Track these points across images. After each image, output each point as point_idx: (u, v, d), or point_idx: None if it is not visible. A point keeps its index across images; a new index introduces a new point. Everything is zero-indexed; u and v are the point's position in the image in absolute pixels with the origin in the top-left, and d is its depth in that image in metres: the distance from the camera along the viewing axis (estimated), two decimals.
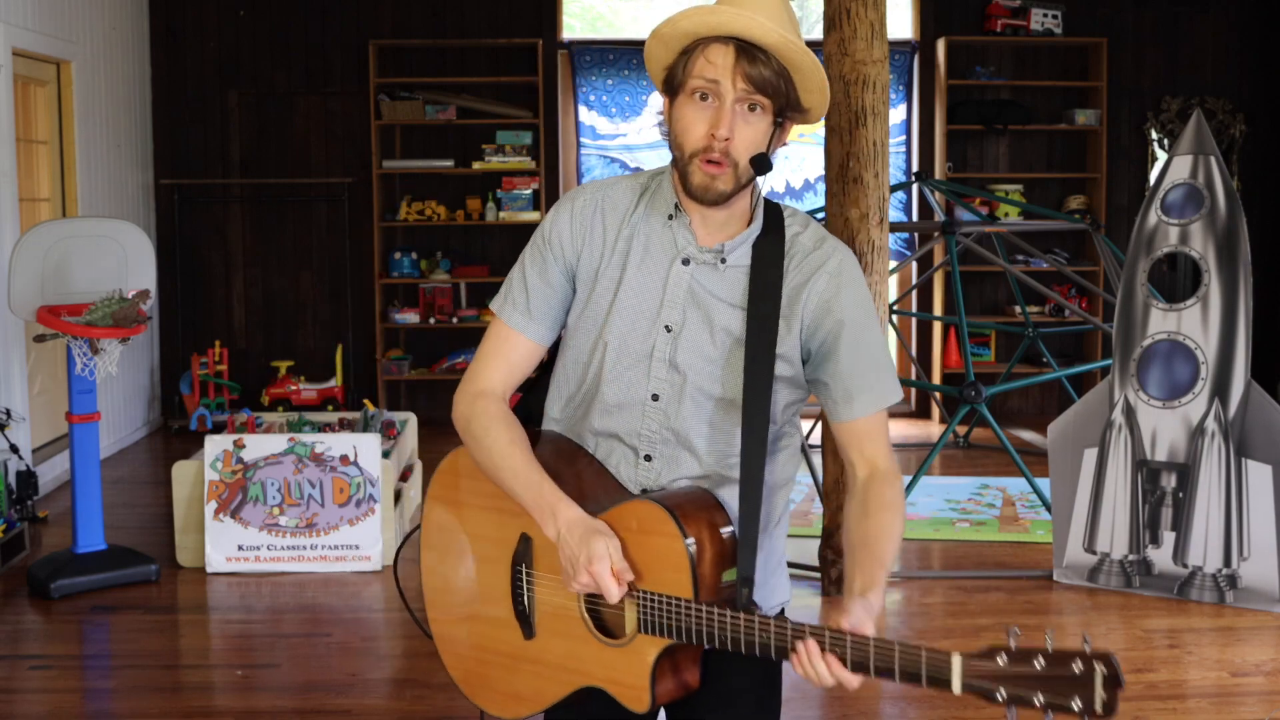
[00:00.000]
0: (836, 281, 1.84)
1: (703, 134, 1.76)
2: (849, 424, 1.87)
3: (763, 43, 1.74)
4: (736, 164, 1.77)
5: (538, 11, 8.39)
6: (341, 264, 8.47)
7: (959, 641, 4.41)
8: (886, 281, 4.82)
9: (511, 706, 1.97)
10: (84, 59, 7.25)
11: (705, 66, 1.76)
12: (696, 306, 1.84)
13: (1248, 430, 4.68)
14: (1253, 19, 8.64)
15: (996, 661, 1.55)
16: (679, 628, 1.72)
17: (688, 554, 1.72)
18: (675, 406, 1.85)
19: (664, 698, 1.81)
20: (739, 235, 1.85)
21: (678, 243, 1.86)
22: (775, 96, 1.76)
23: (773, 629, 1.67)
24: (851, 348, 1.85)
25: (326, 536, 5.20)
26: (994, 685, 1.55)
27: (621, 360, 1.86)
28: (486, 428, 1.88)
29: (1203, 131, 4.82)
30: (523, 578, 1.91)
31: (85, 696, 4.06)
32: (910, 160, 8.61)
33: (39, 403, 6.71)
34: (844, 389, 1.85)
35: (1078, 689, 1.48)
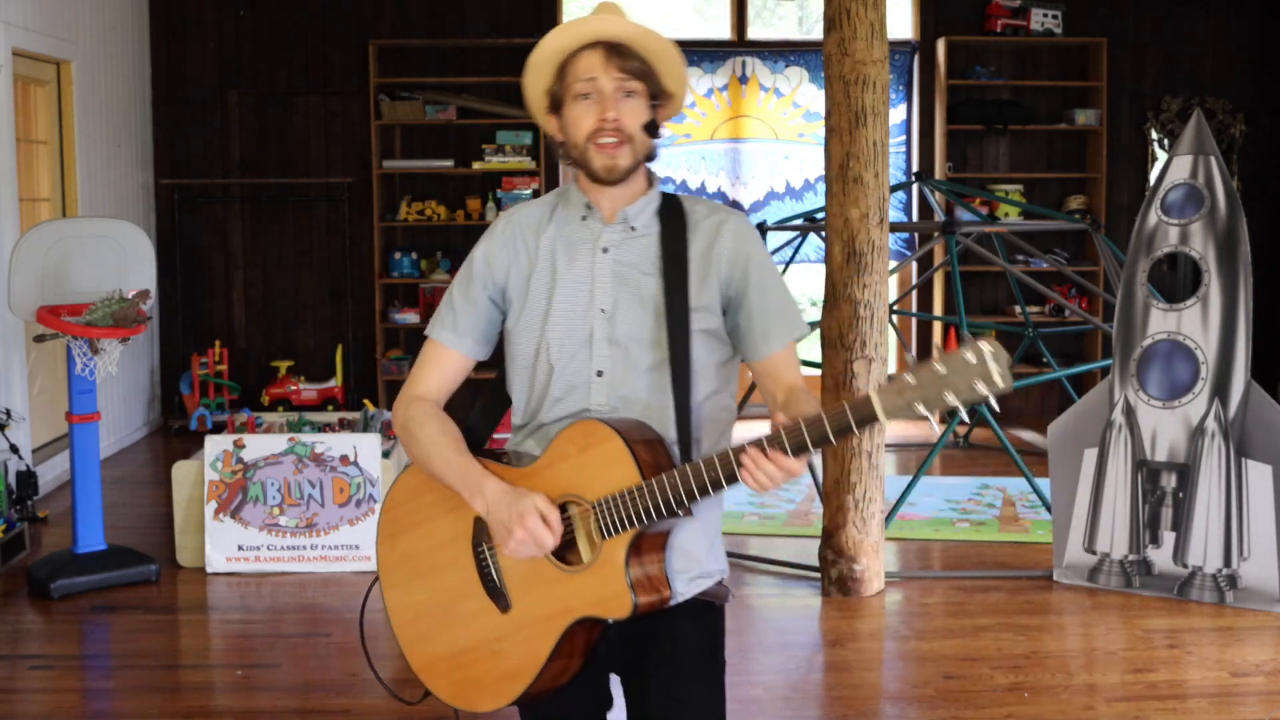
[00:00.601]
0: (738, 238, 2.07)
1: (592, 121, 2.01)
2: (768, 360, 2.06)
3: (622, 38, 2.01)
4: (632, 137, 2.01)
5: (538, 11, 8.39)
6: (341, 264, 8.47)
7: (959, 641, 4.41)
8: (886, 281, 4.82)
9: (508, 687, 2.02)
10: (84, 59, 7.25)
11: (581, 71, 2.02)
12: (624, 285, 2.04)
13: (1248, 430, 4.68)
14: (1253, 19, 8.64)
15: (906, 379, 1.71)
16: (637, 512, 1.88)
17: (625, 444, 1.90)
18: (620, 378, 2.03)
19: (645, 603, 1.92)
20: (638, 202, 2.08)
21: (593, 235, 2.07)
22: (646, 80, 2.02)
23: (717, 460, 1.85)
24: (760, 291, 2.06)
25: (326, 536, 5.20)
26: (910, 401, 1.70)
27: (566, 348, 2.05)
28: (421, 424, 2.08)
29: (1203, 131, 4.82)
30: (486, 556, 2.04)
31: (85, 696, 4.06)
32: (910, 160, 8.61)
33: (39, 403, 6.71)
34: (761, 328, 2.05)
35: (977, 374, 1.66)
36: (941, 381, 1.69)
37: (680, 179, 8.52)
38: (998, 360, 1.65)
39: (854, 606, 4.77)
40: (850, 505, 4.80)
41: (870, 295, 4.73)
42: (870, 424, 1.74)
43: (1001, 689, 3.99)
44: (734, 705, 3.88)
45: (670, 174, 8.49)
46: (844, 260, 4.74)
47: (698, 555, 2.08)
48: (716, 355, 2.08)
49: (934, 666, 4.20)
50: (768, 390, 2.07)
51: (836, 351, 4.77)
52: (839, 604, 4.80)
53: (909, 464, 7.28)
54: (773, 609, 4.82)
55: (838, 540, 4.84)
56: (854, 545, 4.83)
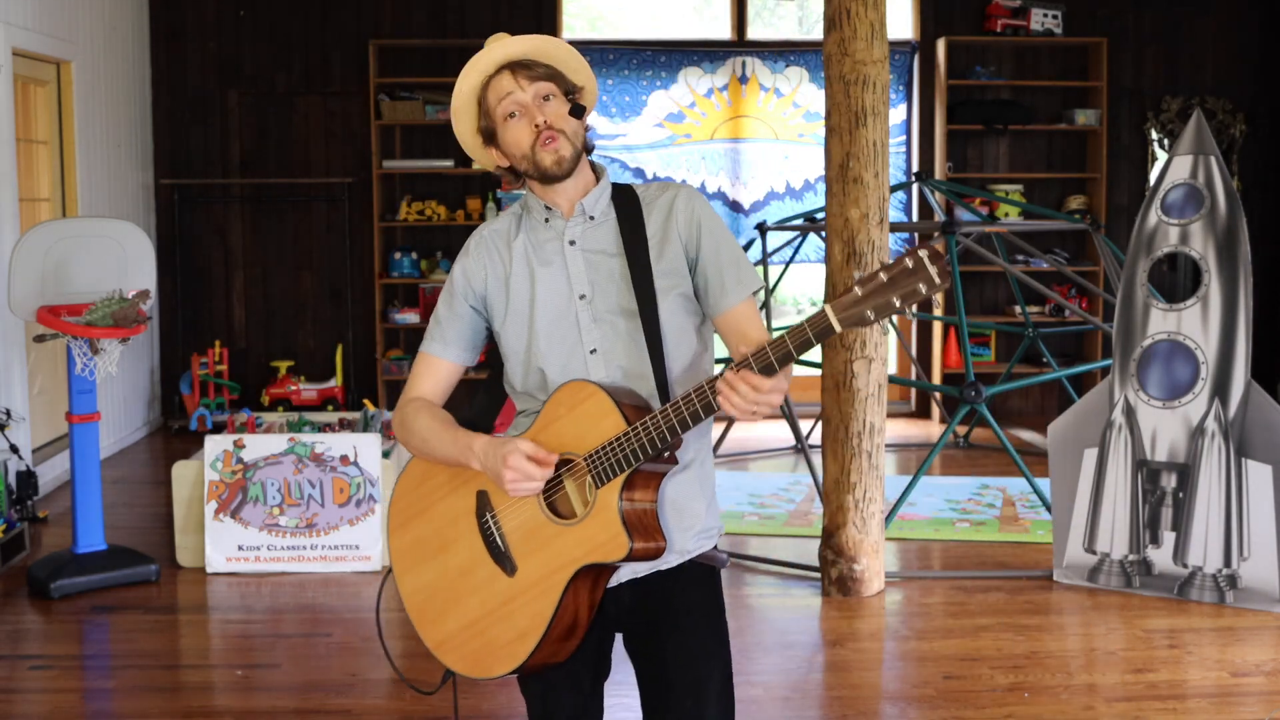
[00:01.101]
0: (689, 204, 2.24)
1: (528, 132, 2.17)
2: (729, 312, 2.21)
3: (521, 54, 2.19)
4: (564, 130, 2.17)
5: (538, 11, 8.39)
6: (341, 264, 8.47)
7: (959, 641, 4.41)
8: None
9: (519, 647, 2.13)
10: (84, 59, 7.25)
11: (499, 95, 2.19)
12: (595, 269, 2.21)
13: (1248, 430, 4.68)
14: (1253, 19, 8.64)
15: (855, 292, 1.85)
16: (625, 456, 2.02)
17: (609, 396, 2.05)
18: (612, 350, 2.18)
19: (640, 548, 2.04)
20: (592, 192, 2.24)
21: (558, 232, 2.24)
22: (557, 81, 2.19)
23: (693, 394, 1.99)
24: (714, 248, 2.22)
25: (326, 536, 5.20)
26: (861, 309, 1.85)
27: (555, 336, 2.20)
28: (414, 417, 2.24)
29: (1203, 131, 4.82)
30: (490, 524, 2.17)
31: (85, 696, 4.06)
32: (910, 160, 8.61)
33: (39, 403, 6.72)
34: (719, 282, 2.21)
35: (918, 276, 1.81)
36: (887, 288, 1.83)
37: (681, 179, 8.52)
38: (934, 262, 1.80)
39: (854, 606, 4.78)
40: (850, 505, 4.80)
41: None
42: (828, 335, 1.88)
43: (1001, 689, 3.99)
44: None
45: (670, 174, 8.49)
46: (844, 260, 4.75)
47: (698, 511, 2.22)
48: (693, 319, 2.24)
49: (934, 666, 4.20)
50: (734, 345, 2.18)
51: (836, 351, 4.77)
52: (839, 604, 4.80)
53: (909, 464, 7.28)
54: (773, 609, 4.82)
55: (838, 540, 4.84)
56: (854, 545, 4.83)
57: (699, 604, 2.24)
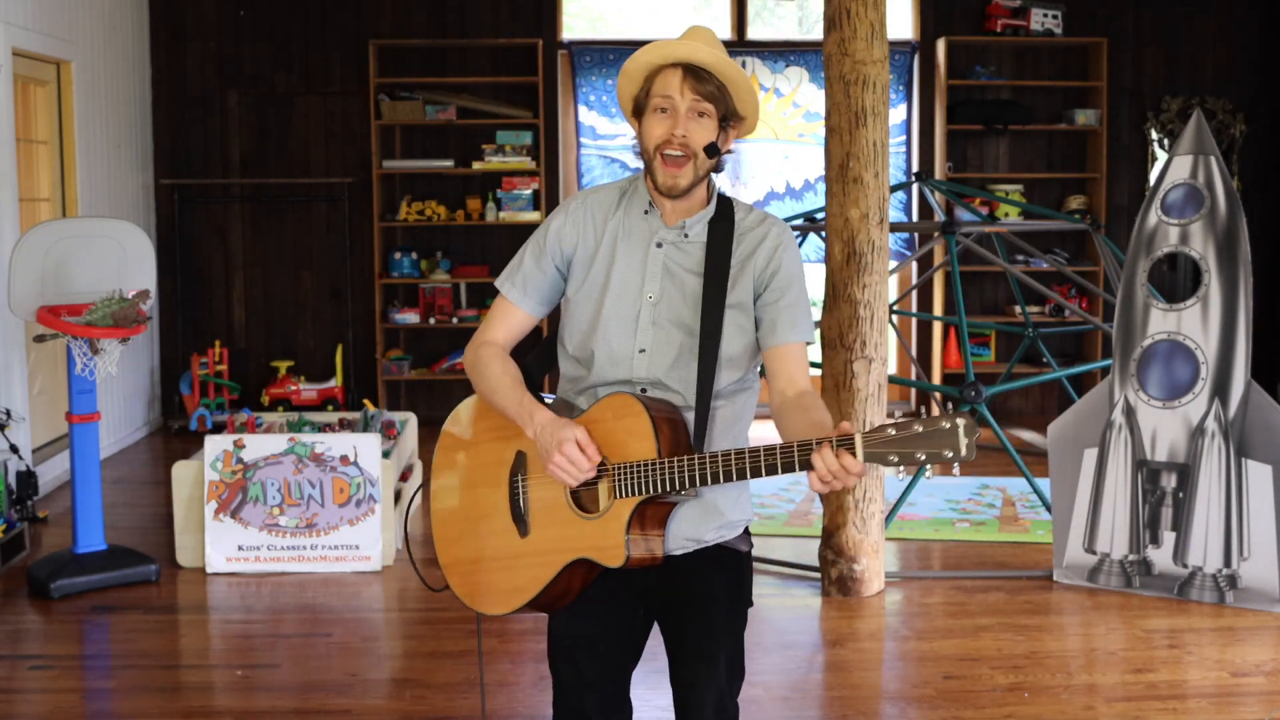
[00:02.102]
0: (776, 243, 2.36)
1: (663, 133, 2.29)
2: (778, 348, 2.32)
3: (703, 64, 2.28)
4: (695, 154, 2.29)
5: (538, 11, 8.39)
6: (341, 264, 8.47)
7: (959, 641, 4.41)
8: (886, 282, 4.82)
9: (512, 599, 2.36)
10: (84, 59, 7.25)
11: (662, 87, 2.30)
12: (670, 279, 2.34)
13: (1248, 430, 4.68)
14: (1253, 19, 8.64)
15: (889, 433, 1.97)
16: (647, 482, 2.18)
17: (651, 422, 2.19)
18: (659, 355, 2.32)
19: (636, 558, 2.22)
20: (697, 214, 2.37)
21: (652, 229, 2.37)
22: (717, 104, 2.30)
23: (720, 458, 2.12)
24: (778, 291, 2.34)
25: (326, 536, 5.20)
26: (886, 453, 1.97)
27: (614, 324, 2.34)
28: (487, 363, 2.39)
29: (1203, 131, 4.82)
30: (519, 485, 2.37)
31: (85, 696, 4.06)
32: (910, 160, 8.61)
33: (39, 403, 6.71)
34: (771, 320, 2.33)
35: (949, 441, 1.94)
36: (915, 440, 1.95)
37: None
38: (968, 434, 1.93)
39: (854, 606, 4.78)
40: (850, 505, 4.80)
41: (870, 295, 4.73)
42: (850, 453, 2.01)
43: (1001, 689, 3.99)
44: None
45: None
46: (844, 260, 4.74)
47: (722, 508, 2.36)
48: (748, 354, 2.36)
49: (934, 666, 4.20)
50: (776, 383, 2.32)
51: (836, 351, 4.77)
52: (839, 604, 4.80)
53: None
54: (773, 609, 4.82)
55: (838, 540, 4.84)
56: (854, 545, 4.83)
57: (722, 584, 2.39)
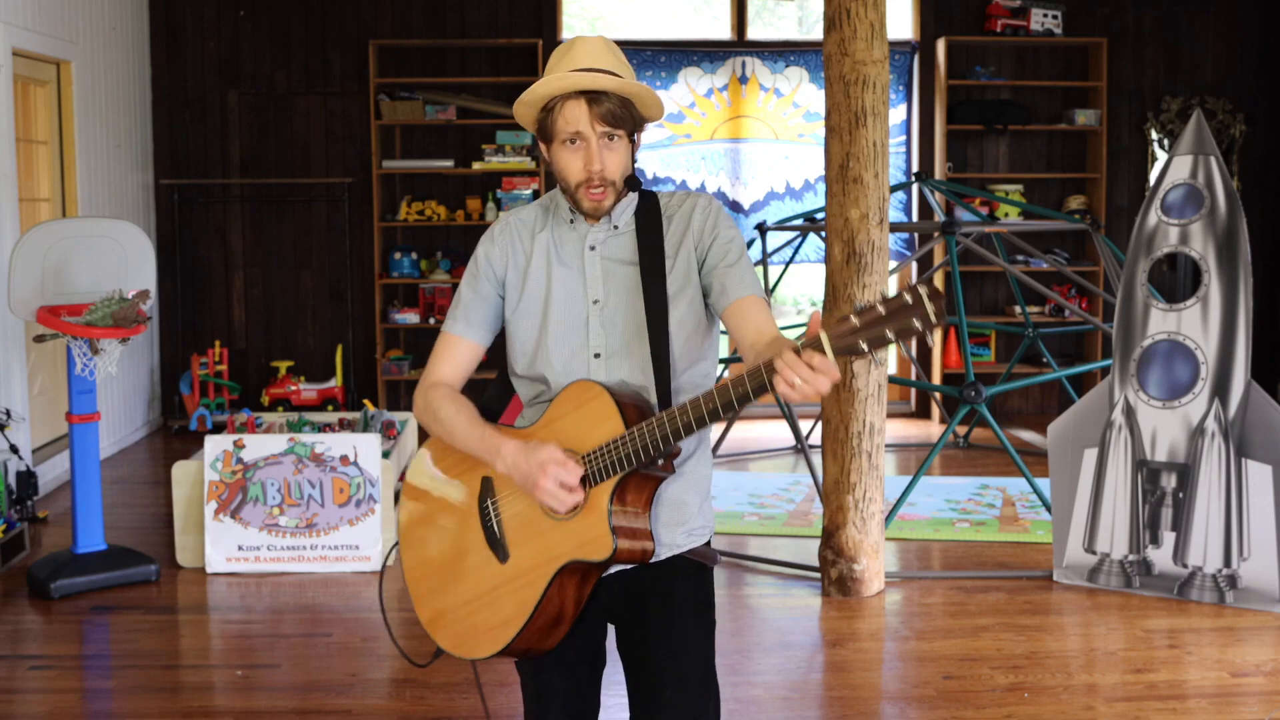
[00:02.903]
0: (706, 212, 2.30)
1: (580, 169, 2.21)
2: (735, 304, 2.23)
3: (602, 89, 2.19)
4: (614, 183, 2.23)
5: (538, 11, 8.39)
6: (341, 264, 8.47)
7: (959, 641, 4.41)
8: (886, 281, 4.81)
9: (502, 634, 2.20)
10: (84, 59, 7.25)
11: (566, 121, 2.20)
12: (611, 277, 2.27)
13: (1248, 430, 4.68)
14: (1253, 19, 8.64)
15: (852, 322, 1.86)
16: (620, 458, 2.07)
17: (612, 398, 2.11)
18: (616, 358, 2.24)
19: (625, 550, 2.10)
20: (619, 204, 2.28)
21: (581, 235, 2.30)
22: (624, 124, 2.22)
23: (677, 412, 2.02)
24: (724, 251, 2.27)
25: (326, 536, 5.20)
26: (856, 340, 1.86)
27: (564, 334, 2.26)
28: (438, 405, 2.29)
29: (1203, 131, 4.82)
30: (490, 509, 2.24)
31: (85, 696, 4.06)
32: (910, 160, 8.61)
33: (39, 403, 6.72)
34: (721, 283, 2.25)
35: (914, 313, 1.83)
36: (883, 321, 1.85)
37: (680, 179, 8.52)
38: (933, 300, 1.83)
39: (854, 606, 4.78)
40: (850, 505, 4.80)
41: (870, 295, 4.73)
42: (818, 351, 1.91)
43: (1001, 689, 3.99)
44: (734, 705, 3.89)
45: (670, 174, 8.49)
46: (844, 260, 4.75)
47: (691, 509, 2.29)
48: (701, 329, 2.29)
49: (934, 666, 4.20)
50: (745, 339, 2.20)
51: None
52: (839, 604, 4.80)
53: (909, 464, 7.28)
54: (773, 609, 4.82)
55: (838, 540, 4.84)
56: (854, 545, 4.83)
57: (688, 597, 2.29)
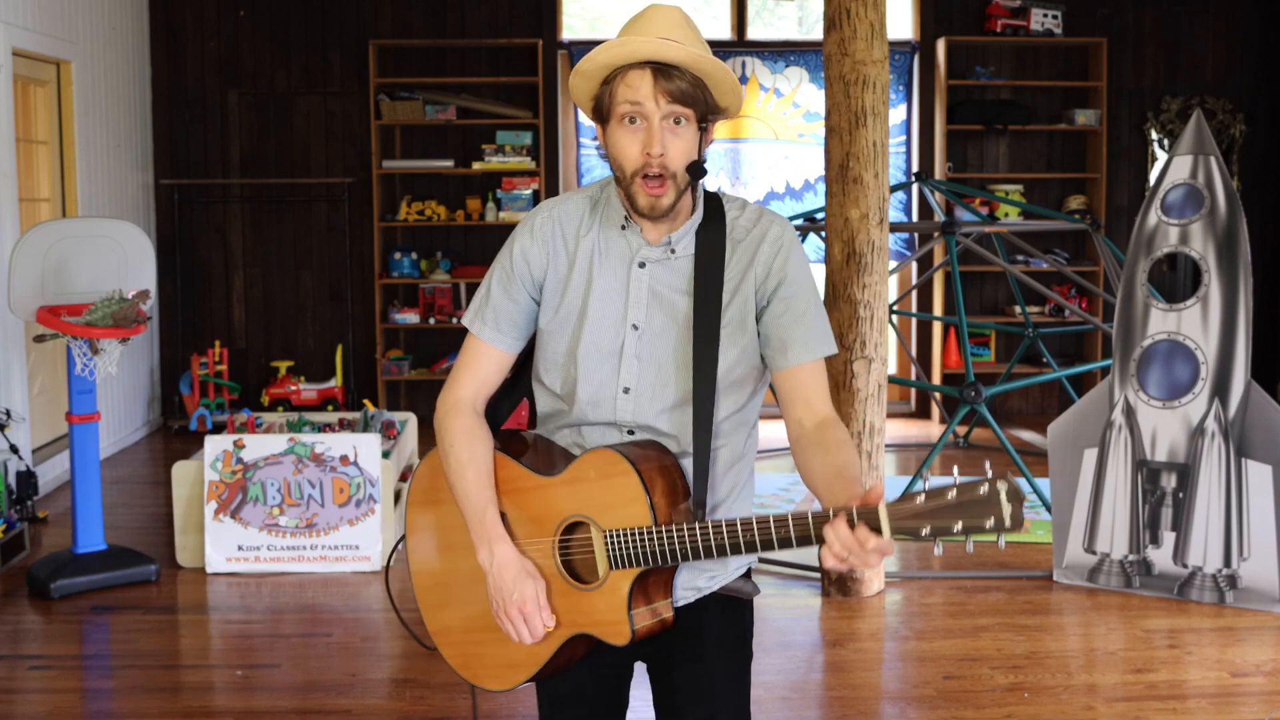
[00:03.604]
0: (778, 246, 2.04)
1: (638, 154, 1.94)
2: (789, 371, 2.03)
3: (673, 60, 1.92)
4: (675, 175, 1.95)
5: (538, 11, 8.39)
6: (341, 264, 8.47)
7: (959, 641, 4.41)
8: (886, 281, 4.82)
9: (509, 675, 2.09)
10: (84, 59, 7.25)
11: (627, 92, 1.93)
12: (658, 304, 2.02)
13: (1248, 430, 4.68)
14: (1253, 19, 8.64)
15: (918, 504, 1.71)
16: (646, 553, 1.91)
17: (641, 483, 1.91)
18: (648, 398, 2.03)
19: (643, 630, 1.97)
20: (683, 226, 2.03)
21: (632, 248, 2.04)
22: (695, 105, 1.94)
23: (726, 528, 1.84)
24: (788, 301, 2.03)
25: (326, 536, 5.20)
26: (918, 527, 1.71)
27: (593, 358, 2.03)
28: (452, 443, 2.07)
29: (1203, 131, 4.82)
30: None
31: (85, 696, 4.06)
32: (910, 160, 8.61)
33: (39, 403, 6.71)
34: (780, 339, 2.03)
35: (989, 509, 1.67)
36: (951, 510, 1.69)
37: None
38: (1011, 499, 1.66)
39: (854, 606, 4.78)
40: None
41: (870, 295, 4.73)
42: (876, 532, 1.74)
43: (1001, 689, 3.99)
44: None
45: None
46: (844, 260, 4.74)
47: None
48: (752, 373, 2.07)
49: (934, 666, 4.20)
50: (792, 412, 2.04)
51: (836, 351, 4.76)
52: (839, 604, 4.80)
53: (909, 464, 7.28)
54: (773, 609, 4.82)
55: None
56: None
57: (718, 637, 2.12)
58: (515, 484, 2.06)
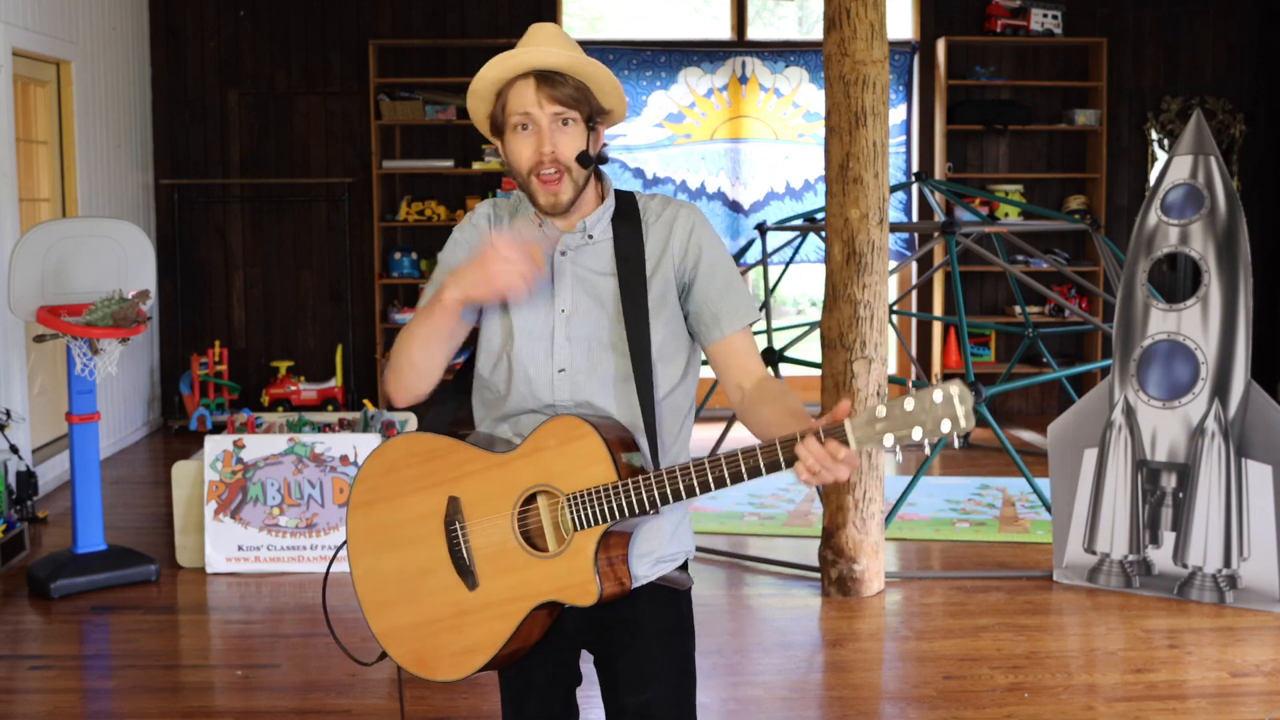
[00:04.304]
0: (689, 225, 2.17)
1: (530, 154, 2.09)
2: (723, 342, 2.15)
3: (555, 67, 2.07)
4: (569, 168, 2.09)
5: (538, 12, 8.39)
6: (341, 264, 8.47)
7: (959, 641, 4.41)
8: (886, 281, 4.82)
9: (467, 661, 2.11)
10: (84, 59, 7.25)
11: (517, 103, 2.08)
12: (582, 287, 2.14)
13: (1248, 430, 4.68)
14: (1253, 19, 8.64)
15: (877, 413, 1.83)
16: (611, 509, 1.98)
17: (603, 442, 2.00)
18: (583, 376, 2.13)
19: (609, 591, 2.03)
20: (595, 212, 2.16)
21: (551, 240, 2.16)
22: (579, 107, 2.09)
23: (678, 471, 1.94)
24: (710, 274, 2.15)
25: (326, 536, 5.20)
26: (880, 432, 1.83)
27: (527, 344, 2.14)
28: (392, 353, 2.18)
29: (1203, 131, 4.82)
30: (459, 534, 2.11)
31: (85, 696, 4.06)
32: (910, 160, 8.61)
33: (39, 403, 6.71)
34: (712, 313, 2.15)
35: (945, 411, 1.79)
36: (909, 417, 1.81)
37: (680, 179, 8.52)
38: (963, 401, 1.78)
39: (854, 607, 4.78)
40: (850, 505, 4.80)
41: (870, 295, 4.73)
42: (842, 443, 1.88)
43: (1001, 689, 3.99)
44: (734, 705, 3.89)
45: (670, 174, 8.49)
46: (844, 260, 4.74)
47: (661, 538, 2.18)
48: (680, 348, 2.18)
49: (934, 666, 4.20)
50: (730, 378, 2.16)
51: (836, 351, 4.77)
52: (839, 604, 4.80)
53: (909, 464, 7.28)
54: (773, 609, 4.82)
55: (837, 540, 4.84)
56: (854, 545, 4.83)
57: (655, 625, 2.18)
58: (468, 466, 2.11)
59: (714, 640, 4.38)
